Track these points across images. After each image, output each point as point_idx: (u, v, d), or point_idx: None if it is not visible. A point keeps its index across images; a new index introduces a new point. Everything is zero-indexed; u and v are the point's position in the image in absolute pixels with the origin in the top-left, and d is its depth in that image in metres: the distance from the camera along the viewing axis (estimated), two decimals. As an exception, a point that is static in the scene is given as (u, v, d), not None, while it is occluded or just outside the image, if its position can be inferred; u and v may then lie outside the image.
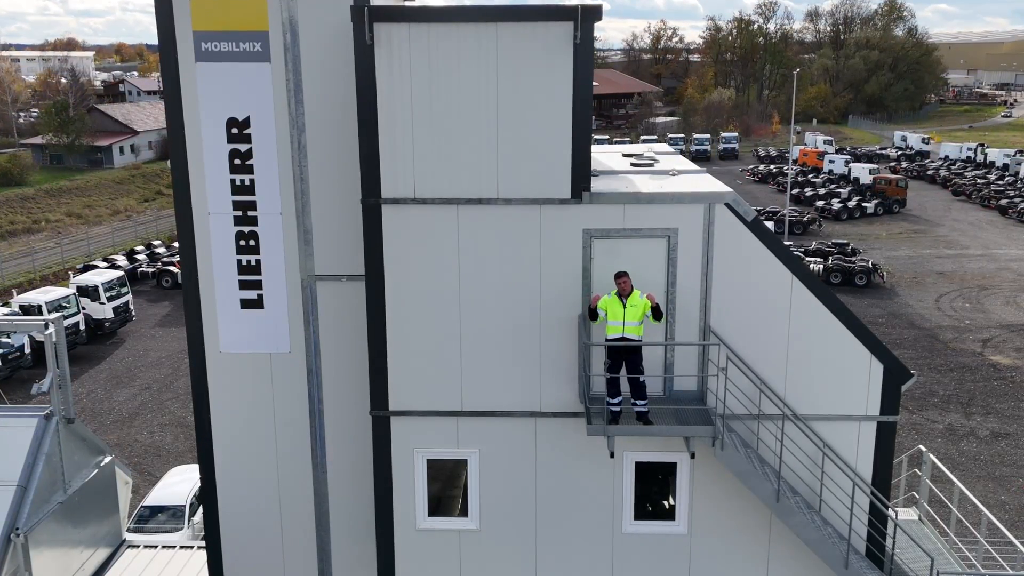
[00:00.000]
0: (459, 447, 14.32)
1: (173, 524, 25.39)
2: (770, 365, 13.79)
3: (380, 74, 13.05)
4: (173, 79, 14.26)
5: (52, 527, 15.72)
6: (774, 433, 13.70)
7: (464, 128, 13.20)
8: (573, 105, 13.11)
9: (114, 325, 47.64)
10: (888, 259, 62.77)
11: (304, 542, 15.81)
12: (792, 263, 13.61)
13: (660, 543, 14.49)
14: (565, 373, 13.98)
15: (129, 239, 72.17)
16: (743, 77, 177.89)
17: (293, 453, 15.49)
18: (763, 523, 14.23)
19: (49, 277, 58.83)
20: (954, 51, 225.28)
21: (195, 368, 15.31)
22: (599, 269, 13.58)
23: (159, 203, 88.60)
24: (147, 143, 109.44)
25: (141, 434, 35.57)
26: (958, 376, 41.20)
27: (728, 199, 13.45)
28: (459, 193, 13.43)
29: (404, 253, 13.66)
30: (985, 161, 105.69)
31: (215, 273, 14.92)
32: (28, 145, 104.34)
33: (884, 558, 14.03)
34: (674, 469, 14.25)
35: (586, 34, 12.88)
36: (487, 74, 13.01)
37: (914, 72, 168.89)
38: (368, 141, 13.31)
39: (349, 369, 14.99)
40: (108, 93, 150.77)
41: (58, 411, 16.21)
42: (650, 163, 16.16)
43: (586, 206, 13.42)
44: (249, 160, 14.50)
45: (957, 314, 50.73)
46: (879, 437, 13.97)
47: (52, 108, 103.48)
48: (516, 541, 14.59)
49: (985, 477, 31.56)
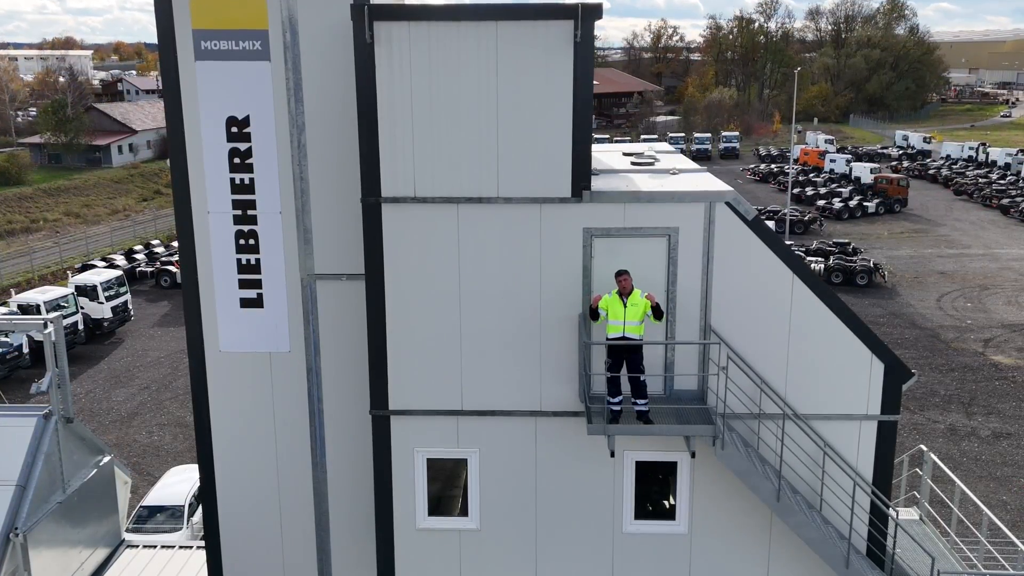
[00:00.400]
0: (459, 446, 14.36)
1: (172, 524, 25.41)
2: (771, 364, 13.82)
3: (380, 72, 13.08)
4: (172, 78, 14.29)
5: (51, 527, 15.74)
6: (775, 432, 13.73)
7: (464, 126, 13.23)
8: (573, 103, 13.14)
9: (113, 325, 47.68)
10: (889, 259, 62.81)
11: (304, 542, 15.85)
12: (793, 262, 13.64)
13: (660, 543, 14.53)
14: (565, 372, 14.01)
15: (127, 239, 72.20)
16: (744, 76, 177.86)
17: (293, 453, 15.52)
18: (764, 523, 14.26)
19: (47, 277, 58.87)
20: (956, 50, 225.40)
21: (195, 368, 15.34)
22: (599, 268, 13.61)
23: (157, 202, 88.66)
24: (145, 142, 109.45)
25: (140, 434, 35.60)
26: (959, 376, 41.24)
27: (729, 198, 13.48)
28: (459, 192, 13.46)
29: (404, 252, 13.69)
30: (987, 160, 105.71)
31: (215, 272, 14.94)
32: (26, 144, 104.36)
33: (885, 558, 14.06)
34: (674, 468, 14.29)
35: (586, 33, 12.91)
36: (487, 72, 13.04)
37: (915, 71, 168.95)
38: (368, 139, 13.34)
39: (349, 369, 15.02)
40: (106, 92, 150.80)
41: (57, 410, 16.23)
42: (650, 162, 16.18)
43: (586, 205, 13.45)
44: (249, 159, 14.52)
45: (959, 314, 50.77)
46: (880, 436, 14.01)
47: (50, 107, 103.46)
48: (516, 541, 14.63)
49: (986, 477, 31.60)
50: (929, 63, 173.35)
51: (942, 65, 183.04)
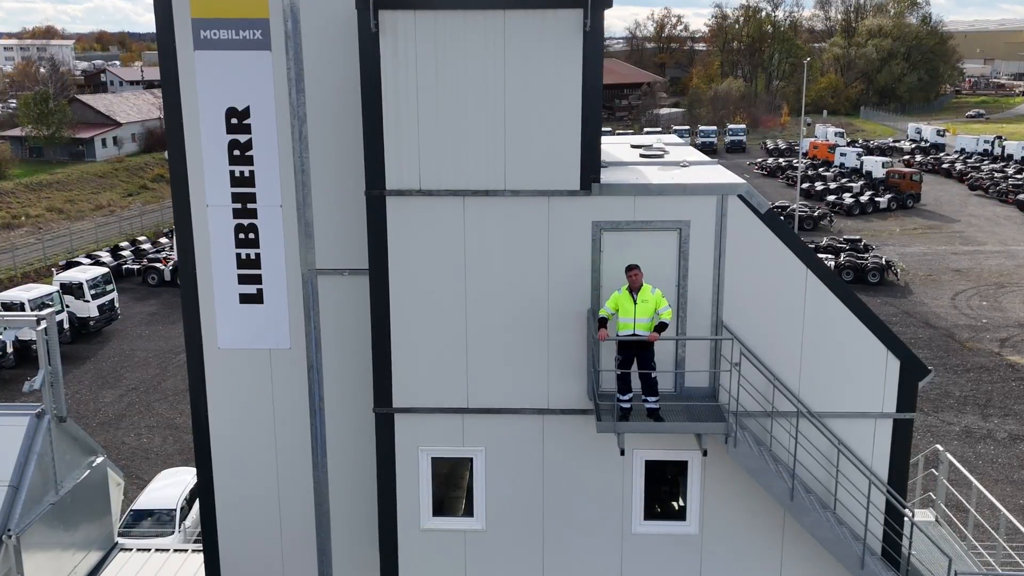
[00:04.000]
0: (465, 445, 14.55)
1: (164, 528, 25.59)
2: (784, 361, 14.02)
3: (385, 62, 13.26)
4: (171, 68, 14.47)
5: (44, 528, 15.91)
6: (788, 430, 13.92)
7: (471, 118, 13.41)
8: (582, 94, 13.32)
9: (99, 324, 47.83)
10: (902, 256, 63.04)
11: (304, 543, 16.03)
12: (806, 256, 13.83)
13: (670, 544, 14.72)
14: (574, 369, 14.20)
15: (113, 235, 72.28)
16: (751, 67, 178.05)
17: (293, 452, 15.71)
18: (776, 523, 14.46)
19: (31, 274, 58.96)
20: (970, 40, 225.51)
21: (193, 365, 15.52)
22: (608, 263, 13.80)
23: (143, 197, 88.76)
24: (130, 135, 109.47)
25: (128, 436, 35.76)
26: (975, 377, 41.47)
27: (741, 191, 13.67)
28: (465, 184, 13.64)
29: (409, 246, 13.88)
30: (1003, 154, 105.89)
31: (213, 267, 15.13)
32: (6, 138, 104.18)
33: (900, 559, 14.25)
34: (685, 468, 14.48)
35: (596, 22, 13.09)
36: (495, 62, 13.22)
37: (928, 61, 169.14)
38: (372, 131, 13.52)
39: (351, 366, 15.21)
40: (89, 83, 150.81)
41: (50, 409, 16.42)
42: (660, 154, 16.37)
43: (595, 198, 13.64)
44: (249, 151, 14.71)
45: (974, 313, 51.01)
46: (895, 435, 14.21)
47: (31, 99, 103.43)
48: (523, 542, 14.82)
49: (1003, 480, 31.82)
50: (942, 53, 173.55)
51: (956, 55, 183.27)
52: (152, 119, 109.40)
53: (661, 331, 13.12)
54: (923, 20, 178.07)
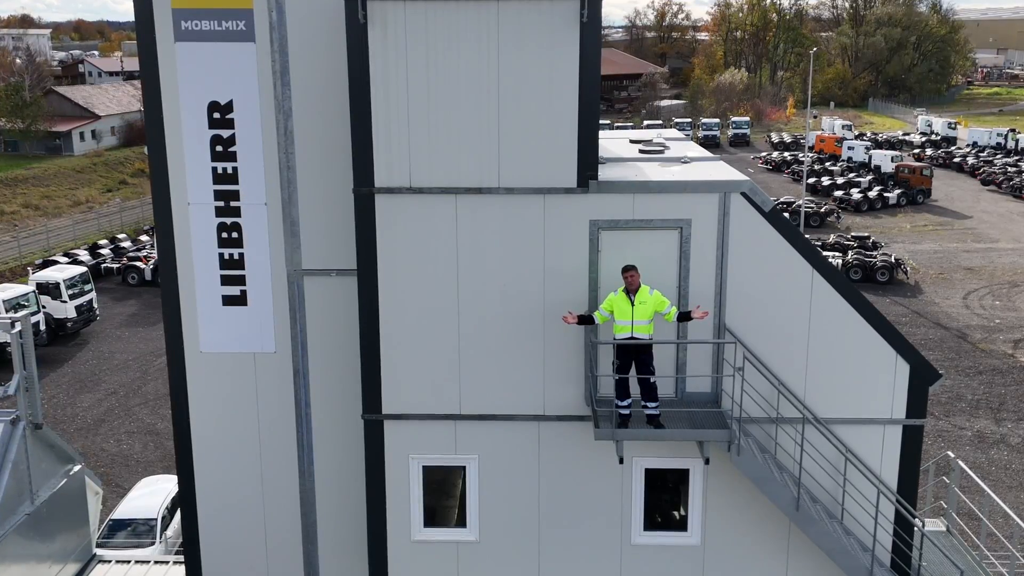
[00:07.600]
0: (457, 453, 14.55)
1: (144, 539, 25.54)
2: (789, 365, 14.04)
3: (374, 55, 13.24)
4: (151, 60, 14.45)
5: (19, 540, 15.84)
6: (793, 437, 13.94)
7: (463, 113, 13.40)
8: (579, 88, 13.32)
9: (77, 325, 47.69)
10: (912, 253, 63.15)
11: (290, 555, 16.02)
12: (812, 256, 13.85)
13: (671, 555, 14.74)
14: (570, 374, 14.21)
15: (91, 232, 72.13)
16: (755, 57, 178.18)
17: (278, 460, 15.70)
18: (781, 533, 14.48)
19: (5, 274, 58.83)
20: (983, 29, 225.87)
21: (173, 370, 15.51)
22: (606, 263, 13.81)
23: (123, 193, 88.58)
24: (109, 128, 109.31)
25: (108, 442, 35.69)
26: (988, 379, 41.53)
27: (745, 188, 13.68)
28: (458, 182, 13.64)
29: (399, 246, 13.87)
30: (1016, 148, 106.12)
31: (195, 268, 15.11)
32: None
33: (910, 571, 14.28)
34: (687, 476, 14.50)
35: (593, 12, 13.09)
36: (488, 55, 13.22)
37: (939, 51, 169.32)
38: (361, 127, 13.51)
39: (338, 370, 15.19)
40: (66, 74, 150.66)
41: (25, 416, 16.37)
42: (660, 150, 16.38)
43: (593, 195, 13.64)
44: (232, 147, 14.69)
45: (986, 312, 51.09)
46: (905, 442, 14.24)
47: (5, 91, 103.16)
48: (518, 553, 14.83)
49: (1017, 487, 31.87)
50: (954, 43, 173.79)
51: (968, 45, 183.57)
52: (132, 112, 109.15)
53: (686, 319, 13.30)
54: (934, 8, 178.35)
